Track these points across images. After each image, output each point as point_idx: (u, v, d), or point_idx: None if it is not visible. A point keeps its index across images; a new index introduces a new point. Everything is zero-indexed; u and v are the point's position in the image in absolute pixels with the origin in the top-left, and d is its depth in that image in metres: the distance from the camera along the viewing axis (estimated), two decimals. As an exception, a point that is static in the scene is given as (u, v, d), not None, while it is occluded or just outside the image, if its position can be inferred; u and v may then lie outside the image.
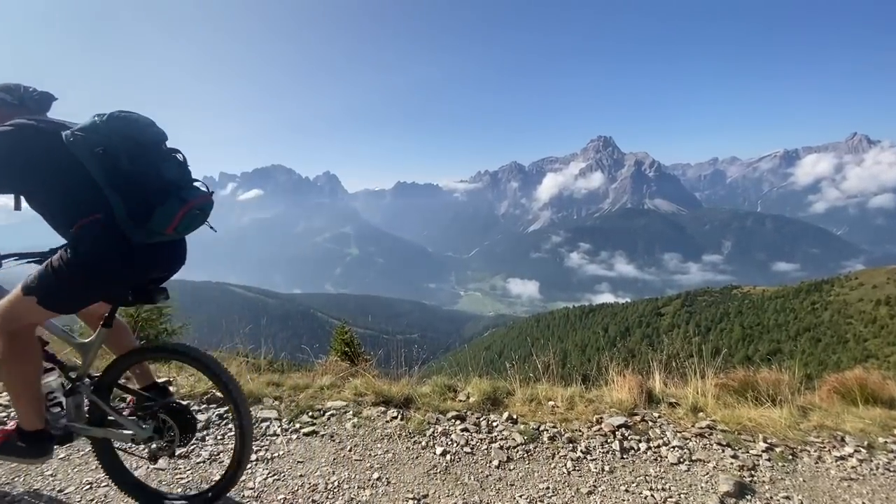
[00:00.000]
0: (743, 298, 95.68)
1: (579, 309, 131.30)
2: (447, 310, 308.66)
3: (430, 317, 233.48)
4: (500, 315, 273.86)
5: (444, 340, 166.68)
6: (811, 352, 64.60)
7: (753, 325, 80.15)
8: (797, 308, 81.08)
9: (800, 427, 3.63)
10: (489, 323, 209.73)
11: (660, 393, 4.06)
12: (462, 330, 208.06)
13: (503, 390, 4.11)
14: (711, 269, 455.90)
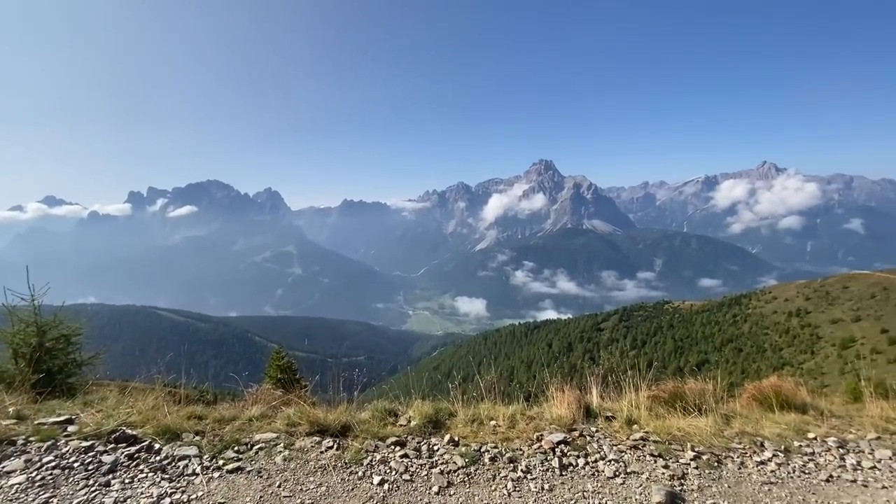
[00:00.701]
0: (674, 313, 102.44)
1: (525, 325, 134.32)
2: (395, 330, 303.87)
3: (378, 338, 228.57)
4: (449, 333, 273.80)
5: (393, 361, 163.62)
6: (734, 361, 69.96)
7: (684, 338, 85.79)
8: (721, 321, 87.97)
9: (724, 434, 3.84)
10: (438, 342, 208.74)
11: (597, 407, 4.15)
12: (411, 350, 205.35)
13: (445, 412, 4.02)
14: (645, 285, 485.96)
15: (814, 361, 58.67)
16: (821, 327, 68.06)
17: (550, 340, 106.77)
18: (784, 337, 71.58)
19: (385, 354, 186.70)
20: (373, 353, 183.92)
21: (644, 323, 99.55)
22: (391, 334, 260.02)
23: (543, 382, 4.73)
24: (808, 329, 69.18)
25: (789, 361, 62.35)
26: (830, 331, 65.28)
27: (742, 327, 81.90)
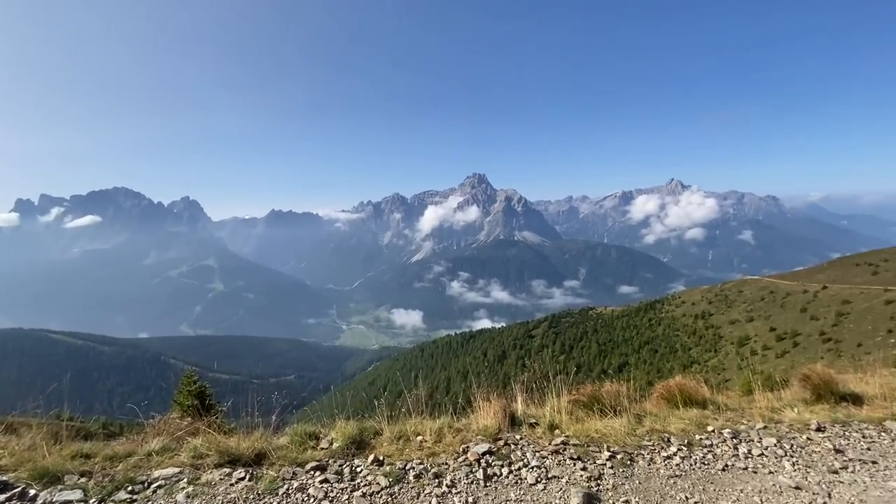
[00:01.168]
0: (597, 318, 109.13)
1: (461, 336, 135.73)
2: (328, 346, 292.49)
3: (309, 355, 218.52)
4: (385, 347, 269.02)
5: (325, 379, 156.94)
6: (651, 361, 75.79)
7: (607, 341, 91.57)
8: (639, 324, 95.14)
9: (636, 433, 4.08)
10: (373, 356, 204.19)
11: (522, 415, 4.23)
12: (344, 366, 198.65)
13: (371, 431, 3.88)
14: (571, 293, 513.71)
15: (717, 359, 65.15)
16: (721, 327, 75.96)
17: (485, 349, 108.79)
18: (692, 337, 78.92)
19: (317, 372, 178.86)
20: (303, 372, 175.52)
21: (571, 329, 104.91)
22: (323, 351, 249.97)
23: (473, 393, 4.76)
24: (712, 330, 76.90)
25: (697, 360, 68.70)
26: (729, 330, 73.08)
27: (657, 330, 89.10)
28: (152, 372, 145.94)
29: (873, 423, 4.59)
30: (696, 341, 76.12)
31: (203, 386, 6.60)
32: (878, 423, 4.58)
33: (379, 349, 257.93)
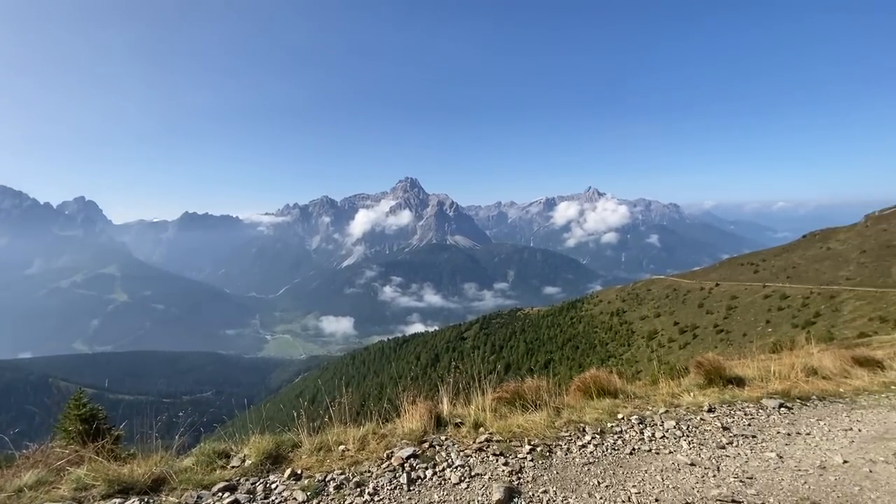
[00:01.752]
0: (525, 318, 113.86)
1: (394, 341, 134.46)
2: (250, 358, 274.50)
3: (230, 369, 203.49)
4: (314, 357, 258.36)
5: (247, 394, 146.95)
6: (573, 357, 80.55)
7: (533, 340, 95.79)
8: (562, 323, 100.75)
9: (555, 425, 4.27)
10: (301, 367, 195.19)
11: (447, 415, 4.25)
12: (269, 379, 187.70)
13: (289, 444, 3.66)
14: (501, 295, 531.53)
15: (630, 352, 70.85)
16: (634, 323, 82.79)
17: (419, 353, 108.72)
18: (609, 333, 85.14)
19: (238, 387, 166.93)
20: (223, 387, 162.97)
21: (501, 329, 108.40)
22: (245, 363, 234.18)
23: (402, 397, 4.69)
24: (625, 325, 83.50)
25: (613, 353, 74.21)
26: (640, 325, 79.86)
27: (578, 327, 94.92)
28: (37, 396, 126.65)
29: (753, 401, 5.23)
30: (612, 336, 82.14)
31: (95, 409, 5.80)
32: (757, 401, 5.23)
33: (307, 359, 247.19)
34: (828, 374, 6.51)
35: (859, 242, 68.76)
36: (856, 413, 5.06)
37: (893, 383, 6.41)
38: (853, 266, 60.06)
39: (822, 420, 4.78)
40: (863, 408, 5.26)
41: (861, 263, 59.37)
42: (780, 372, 6.19)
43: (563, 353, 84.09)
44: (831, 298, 49.75)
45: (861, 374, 6.69)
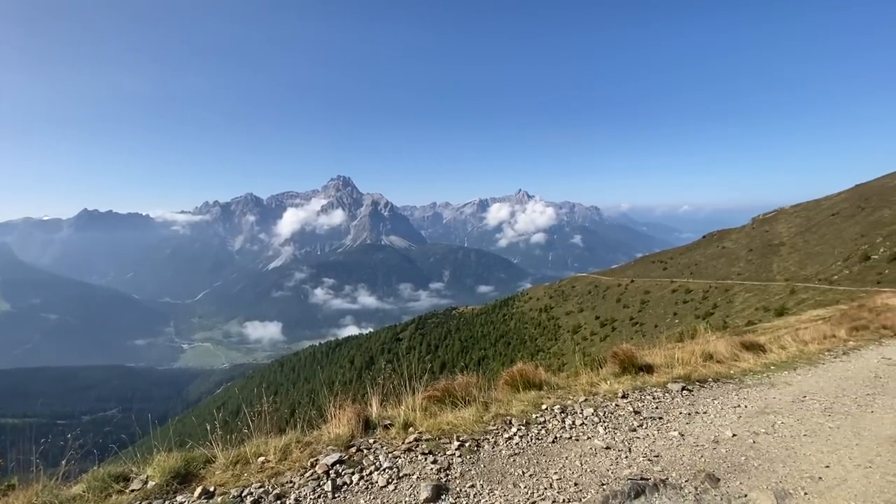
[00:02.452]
0: (460, 317, 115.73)
1: (326, 345, 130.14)
2: (164, 370, 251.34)
3: (139, 382, 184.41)
4: (237, 365, 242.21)
5: (161, 409, 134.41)
6: (505, 353, 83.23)
7: (468, 338, 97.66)
8: (495, 320, 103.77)
9: (483, 420, 4.36)
10: (223, 376, 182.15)
11: (376, 418, 4.17)
12: (186, 391, 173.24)
13: (200, 460, 3.37)
14: (437, 294, 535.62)
15: (557, 346, 74.74)
16: (560, 318, 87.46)
17: (353, 357, 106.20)
18: (538, 328, 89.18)
19: (150, 402, 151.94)
20: (130, 404, 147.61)
21: (436, 329, 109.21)
22: (158, 376, 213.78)
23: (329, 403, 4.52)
24: (553, 321, 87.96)
25: (542, 348, 77.82)
26: (566, 320, 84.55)
27: (510, 324, 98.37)
28: None
29: (660, 386, 5.73)
30: (541, 332, 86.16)
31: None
32: (663, 386, 5.74)
33: (230, 368, 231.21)
34: (721, 359, 7.32)
35: (747, 242, 78.32)
36: (743, 391, 5.74)
37: (773, 364, 7.37)
38: (743, 263, 68.30)
39: (716, 399, 5.35)
40: (748, 386, 5.98)
41: (749, 260, 67.69)
42: (683, 358, 6.86)
43: (495, 349, 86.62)
44: (726, 291, 56.17)
45: (747, 357, 7.61)
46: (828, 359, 8.00)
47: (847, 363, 7.66)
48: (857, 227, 55.70)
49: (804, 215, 77.37)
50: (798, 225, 73.19)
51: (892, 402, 5.35)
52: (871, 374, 6.81)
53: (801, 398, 5.42)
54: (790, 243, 65.62)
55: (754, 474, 3.46)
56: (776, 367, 7.12)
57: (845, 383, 6.20)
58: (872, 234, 49.61)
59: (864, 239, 49.71)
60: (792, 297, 41.64)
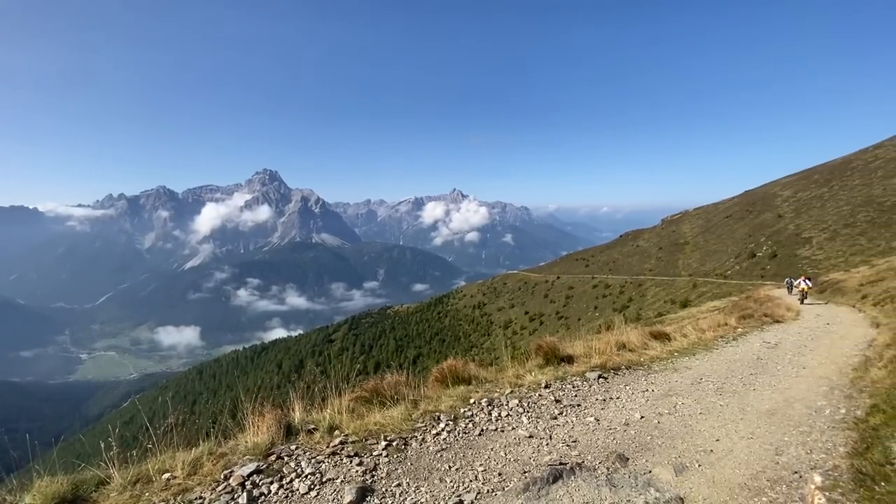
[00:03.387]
0: (395, 316, 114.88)
1: (250, 349, 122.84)
2: (57, 384, 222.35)
3: (24, 399, 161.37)
4: (148, 375, 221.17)
5: (54, 428, 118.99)
6: (440, 350, 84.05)
7: (403, 337, 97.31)
8: (430, 318, 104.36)
9: (412, 418, 4.35)
10: (131, 388, 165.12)
11: (299, 423, 3.99)
12: (85, 406, 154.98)
13: (92, 483, 3.00)
14: (371, 294, 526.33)
15: (490, 341, 76.90)
16: (492, 314, 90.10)
17: (280, 360, 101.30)
18: (472, 325, 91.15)
19: (40, 421, 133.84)
20: (16, 424, 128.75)
21: (371, 329, 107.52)
22: (49, 391, 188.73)
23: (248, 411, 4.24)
24: (486, 317, 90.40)
25: (475, 343, 79.65)
26: (498, 316, 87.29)
27: (444, 321, 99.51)
28: None
29: (579, 375, 6.10)
30: (475, 328, 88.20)
31: None
32: (582, 374, 6.12)
33: (139, 378, 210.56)
34: (633, 348, 7.96)
35: (658, 241, 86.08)
36: (651, 377, 6.28)
37: (676, 351, 8.16)
38: (654, 260, 74.97)
39: (628, 385, 5.81)
40: (655, 372, 6.56)
41: (659, 258, 74.45)
42: (600, 348, 7.37)
43: (430, 347, 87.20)
44: (640, 286, 61.32)
45: (655, 345, 8.35)
46: (721, 344, 9.03)
47: (736, 348, 8.70)
48: (745, 228, 63.45)
49: (704, 217, 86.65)
50: (700, 226, 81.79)
51: (769, 380, 6.16)
52: (754, 356, 7.79)
53: (699, 381, 6.05)
54: (693, 242, 73.15)
55: (658, 451, 3.80)
56: (679, 354, 7.89)
57: (734, 366, 7.03)
58: (757, 235, 56.80)
59: (751, 239, 56.77)
60: (694, 290, 46.43)
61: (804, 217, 54.25)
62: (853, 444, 3.57)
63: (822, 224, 48.69)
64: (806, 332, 10.91)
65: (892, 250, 33.38)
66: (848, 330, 11.07)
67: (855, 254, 37.47)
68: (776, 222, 57.73)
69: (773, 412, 4.74)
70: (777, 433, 4.15)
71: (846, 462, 3.19)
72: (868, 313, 14.32)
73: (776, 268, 43.02)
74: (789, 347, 8.68)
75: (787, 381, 6.04)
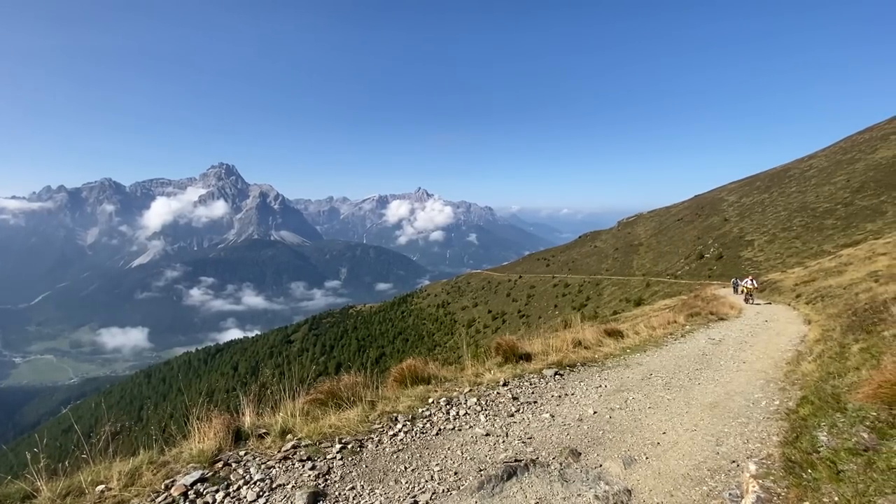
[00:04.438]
0: (357, 316, 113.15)
1: (204, 351, 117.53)
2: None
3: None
4: (90, 379, 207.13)
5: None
6: (403, 350, 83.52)
7: (365, 337, 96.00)
8: (393, 317, 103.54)
9: (369, 419, 4.28)
10: (71, 394, 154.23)
11: (250, 427, 3.84)
12: (19, 414, 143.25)
13: (16, 497, 2.77)
14: (333, 293, 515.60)
15: (453, 340, 77.24)
16: (456, 313, 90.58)
17: (236, 363, 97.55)
18: (435, 324, 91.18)
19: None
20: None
21: (332, 329, 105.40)
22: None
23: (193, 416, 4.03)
24: (449, 316, 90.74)
25: (439, 342, 79.77)
26: (461, 315, 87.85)
27: (408, 321, 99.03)
28: None
29: (536, 373, 6.22)
30: (438, 327, 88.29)
31: None
32: (539, 372, 6.24)
33: (80, 383, 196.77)
34: (589, 345, 8.22)
35: (614, 242, 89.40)
36: (604, 373, 6.50)
37: (629, 347, 8.48)
38: (610, 260, 77.83)
39: (582, 382, 5.98)
40: (609, 368, 6.79)
41: (615, 258, 77.36)
42: (557, 346, 7.55)
43: (394, 346, 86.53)
44: (597, 285, 63.49)
45: (609, 342, 8.65)
46: (670, 341, 9.47)
47: (683, 344, 9.15)
48: (695, 230, 67.03)
49: (657, 220, 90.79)
50: (653, 228, 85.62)
51: (713, 374, 6.52)
52: (700, 352, 8.23)
53: (649, 376, 6.32)
54: (647, 243, 76.48)
55: (609, 445, 3.93)
56: (631, 350, 8.21)
57: (681, 361, 7.39)
58: (706, 237, 60.14)
59: (700, 241, 60.05)
60: (648, 289, 48.57)
61: (747, 221, 57.94)
62: (784, 434, 3.83)
63: (763, 228, 52.18)
64: (747, 328, 11.64)
65: (823, 253, 36.24)
66: (784, 327, 11.91)
67: (791, 255, 40.41)
68: (722, 225, 61.34)
69: (715, 405, 5.02)
70: (718, 425, 4.39)
71: (778, 451, 3.41)
72: (801, 311, 15.47)
73: (722, 268, 45.72)
74: (731, 343, 9.23)
75: (729, 375, 6.42)
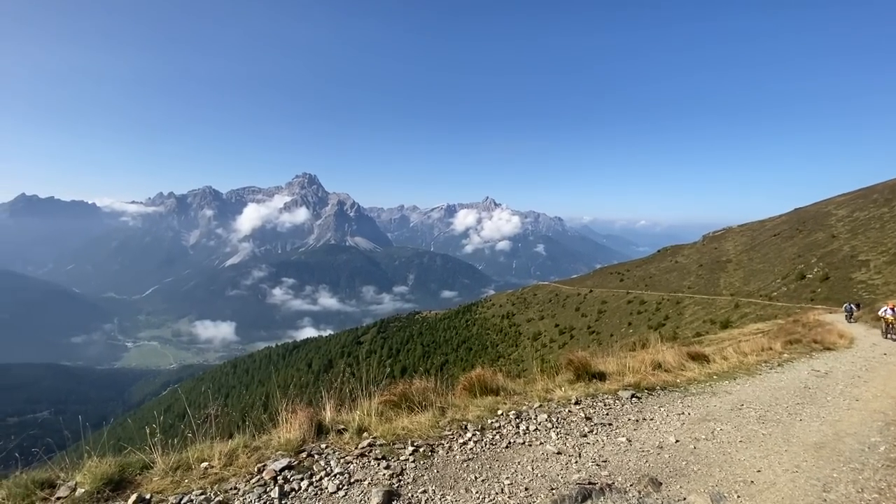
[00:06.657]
0: (423, 321, 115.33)
1: (282, 347, 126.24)
2: (104, 370, 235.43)
3: (74, 383, 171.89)
4: (187, 366, 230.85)
5: (100, 411, 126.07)
6: (467, 358, 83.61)
7: (430, 343, 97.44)
8: (458, 325, 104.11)
9: (439, 425, 4.36)
10: (171, 378, 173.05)
11: (330, 422, 4.08)
12: (128, 392, 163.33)
13: (137, 466, 3.18)
14: (400, 298, 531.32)
15: (518, 352, 75.80)
16: (521, 325, 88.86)
17: (311, 359, 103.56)
18: (499, 335, 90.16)
19: (87, 404, 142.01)
20: (65, 405, 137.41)
21: (399, 333, 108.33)
22: (97, 376, 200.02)
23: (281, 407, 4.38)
24: (514, 327, 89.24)
25: (503, 354, 78.68)
26: (527, 327, 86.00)
27: (472, 329, 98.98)
28: None
29: (611, 393, 5.93)
30: (503, 338, 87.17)
31: None
32: (614, 393, 5.94)
33: (178, 368, 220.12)
34: (669, 368, 7.67)
35: (698, 257, 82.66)
36: (687, 399, 6.03)
37: (715, 374, 7.79)
38: (693, 277, 72.00)
39: (662, 407, 5.59)
40: (692, 395, 6.29)
41: (699, 275, 71.45)
42: (634, 367, 7.14)
43: (457, 354, 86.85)
44: (677, 304, 58.97)
45: (693, 366, 8.00)
46: (764, 370, 8.54)
47: (781, 374, 8.21)
48: (794, 247, 59.99)
49: (749, 234, 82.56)
50: (744, 243, 77.97)
51: (818, 410, 5.78)
52: (801, 384, 7.33)
53: (739, 406, 5.76)
54: (736, 260, 69.78)
55: (693, 478, 3.64)
56: (718, 377, 7.53)
57: (778, 393, 6.64)
58: (808, 255, 53.57)
59: (801, 259, 53.60)
60: (736, 310, 44.21)
61: (861, 238, 50.75)
62: (912, 487, 3.30)
63: (882, 246, 45.38)
64: (860, 361, 10.18)
65: (963, 278, 30.69)
66: (909, 362, 10.25)
67: (919, 280, 34.71)
68: (829, 243, 54.29)
69: (822, 445, 4.45)
70: (825, 468, 3.89)
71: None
72: (933, 345, 13.21)
73: (828, 291, 40.39)
74: (841, 377, 8.12)
75: (838, 413, 5.66)
